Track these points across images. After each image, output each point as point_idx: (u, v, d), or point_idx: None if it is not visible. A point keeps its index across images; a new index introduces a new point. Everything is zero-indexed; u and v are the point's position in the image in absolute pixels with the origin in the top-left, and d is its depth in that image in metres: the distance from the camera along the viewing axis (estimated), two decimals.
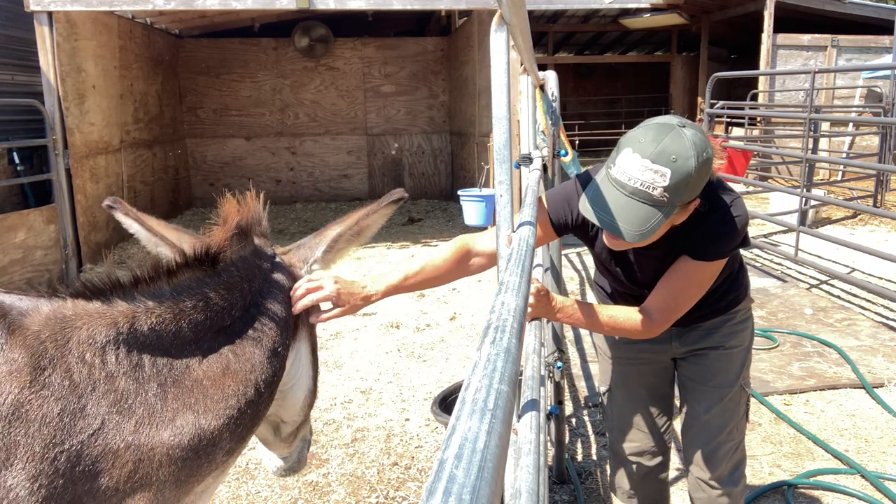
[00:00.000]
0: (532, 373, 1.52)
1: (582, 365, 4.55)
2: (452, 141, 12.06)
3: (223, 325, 1.54)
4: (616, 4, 8.99)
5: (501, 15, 1.26)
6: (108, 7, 7.25)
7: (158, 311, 1.45)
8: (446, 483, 0.52)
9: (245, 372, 1.52)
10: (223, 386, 1.48)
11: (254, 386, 1.53)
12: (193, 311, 1.49)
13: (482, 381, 0.70)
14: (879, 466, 3.27)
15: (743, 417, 2.17)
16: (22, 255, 6.59)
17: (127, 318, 1.41)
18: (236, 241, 1.66)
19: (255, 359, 1.55)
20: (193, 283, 1.54)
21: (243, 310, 1.59)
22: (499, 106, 1.33)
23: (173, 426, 1.40)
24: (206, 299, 1.52)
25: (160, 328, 1.44)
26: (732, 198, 1.84)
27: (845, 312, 5.41)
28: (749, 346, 2.16)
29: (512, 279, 1.05)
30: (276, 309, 1.64)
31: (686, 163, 1.55)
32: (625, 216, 1.58)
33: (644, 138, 1.58)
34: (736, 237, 1.82)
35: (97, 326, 1.38)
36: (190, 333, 1.48)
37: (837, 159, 10.06)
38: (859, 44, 11.07)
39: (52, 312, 1.36)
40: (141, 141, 9.61)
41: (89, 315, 1.39)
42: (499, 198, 1.36)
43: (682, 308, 1.88)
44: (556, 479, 3.20)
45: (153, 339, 1.43)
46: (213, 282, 1.56)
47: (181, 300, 1.49)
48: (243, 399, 1.50)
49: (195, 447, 1.42)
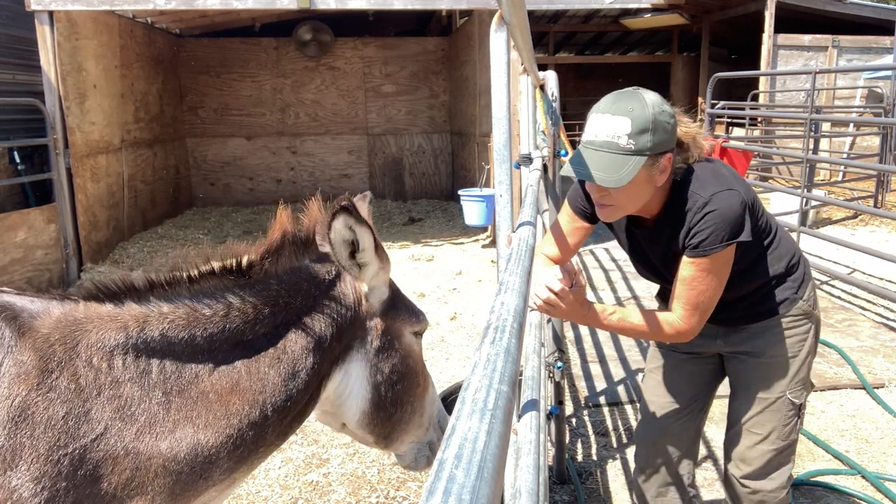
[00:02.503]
0: (532, 373, 1.51)
1: (582, 365, 4.55)
2: (453, 141, 12.06)
3: (243, 338, 1.48)
4: (617, 4, 8.99)
5: (501, 15, 1.26)
6: (108, 6, 7.25)
7: (172, 317, 1.41)
8: (446, 483, 0.52)
9: (254, 392, 1.46)
10: (228, 403, 1.43)
11: (259, 408, 1.46)
12: (210, 321, 1.44)
13: (482, 381, 0.70)
14: (880, 467, 3.27)
15: (788, 425, 2.11)
16: (22, 254, 6.59)
17: (138, 322, 1.39)
18: (280, 252, 1.58)
19: (268, 379, 1.48)
20: (217, 291, 1.48)
21: (272, 326, 1.51)
22: (499, 106, 1.33)
23: (172, 438, 1.37)
24: (227, 310, 1.47)
25: (172, 335, 1.40)
26: (717, 190, 1.83)
27: (846, 313, 5.41)
28: (799, 355, 2.09)
29: (512, 279, 1.05)
30: (314, 329, 1.55)
31: (643, 111, 1.71)
32: (598, 166, 1.73)
33: (604, 102, 1.79)
34: (720, 230, 1.80)
35: (107, 330, 1.36)
36: (204, 343, 1.43)
37: (838, 160, 10.05)
38: (860, 44, 11.06)
39: (63, 315, 1.36)
40: (141, 140, 9.62)
41: (100, 318, 1.37)
42: (499, 198, 1.36)
43: (702, 304, 1.87)
44: (557, 479, 3.20)
45: (163, 346, 1.40)
46: (242, 293, 1.50)
47: (199, 308, 1.44)
48: (246, 420, 1.45)
49: (191, 462, 1.39)
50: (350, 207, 1.51)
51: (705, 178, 1.87)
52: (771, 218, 2.10)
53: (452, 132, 12.07)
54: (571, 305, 1.77)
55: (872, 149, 10.88)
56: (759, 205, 2.01)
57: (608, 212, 1.88)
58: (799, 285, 2.08)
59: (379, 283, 1.67)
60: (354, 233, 1.55)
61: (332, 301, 1.59)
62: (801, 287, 2.09)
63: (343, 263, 1.59)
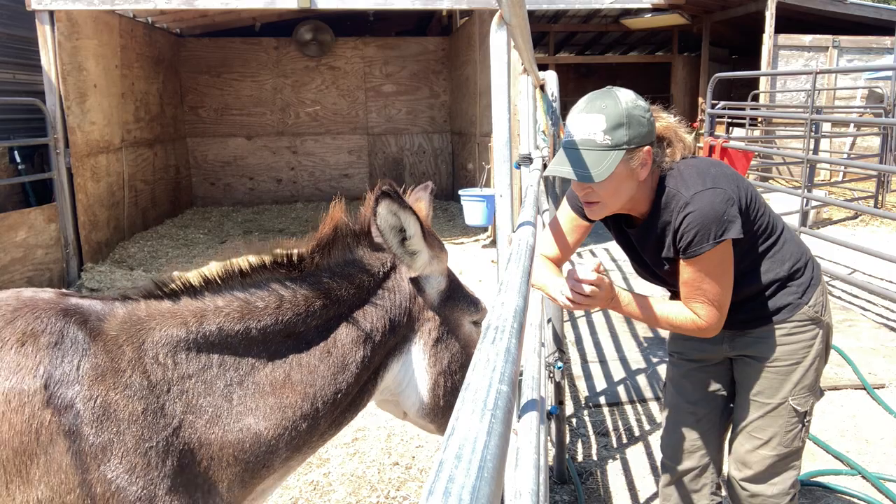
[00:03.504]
0: (532, 373, 1.51)
1: (582, 365, 4.54)
2: (453, 141, 12.06)
3: (296, 330, 1.51)
4: (617, 5, 8.99)
5: (502, 15, 1.26)
6: (109, 6, 7.25)
7: (227, 311, 1.46)
8: (446, 483, 0.52)
9: (304, 384, 1.50)
10: (282, 395, 1.48)
11: (311, 400, 1.50)
12: (264, 313, 1.48)
13: (482, 381, 0.70)
14: (880, 467, 3.27)
15: (791, 431, 2.08)
16: (23, 253, 6.59)
17: (196, 317, 1.44)
18: (332, 245, 1.61)
19: (318, 372, 1.51)
20: (269, 284, 1.52)
21: (324, 319, 1.54)
22: (499, 106, 1.33)
23: (237, 429, 1.44)
24: (279, 302, 1.50)
25: (228, 328, 1.45)
26: (699, 189, 1.82)
27: (846, 313, 5.41)
28: (803, 362, 2.06)
29: (512, 279, 1.05)
30: (366, 322, 1.58)
31: (616, 107, 1.76)
32: (577, 163, 1.77)
33: (580, 102, 1.84)
34: (704, 230, 1.79)
35: (168, 327, 1.42)
36: (258, 335, 1.48)
37: (838, 160, 10.05)
38: (860, 44, 11.05)
39: (127, 315, 1.42)
40: (142, 140, 9.62)
41: (161, 315, 1.43)
42: (499, 198, 1.36)
43: (715, 300, 1.87)
44: (557, 479, 3.20)
45: (221, 339, 1.45)
46: (293, 286, 1.53)
47: (252, 300, 1.49)
48: (299, 412, 1.49)
49: (255, 452, 1.45)
50: (392, 193, 1.53)
51: (689, 177, 1.87)
52: (776, 219, 2.06)
53: (453, 132, 12.06)
54: (608, 291, 1.83)
55: (873, 149, 10.87)
56: (759, 204, 1.98)
57: (595, 209, 1.90)
58: (804, 290, 2.04)
59: (434, 272, 1.68)
60: (399, 218, 1.56)
61: (385, 292, 1.62)
62: (808, 292, 2.05)
63: (395, 251, 1.61)
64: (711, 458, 2.27)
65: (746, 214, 1.89)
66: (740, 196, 1.87)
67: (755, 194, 1.97)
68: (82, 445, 1.29)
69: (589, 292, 1.78)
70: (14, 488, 1.27)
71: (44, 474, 1.27)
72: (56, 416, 1.29)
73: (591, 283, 1.77)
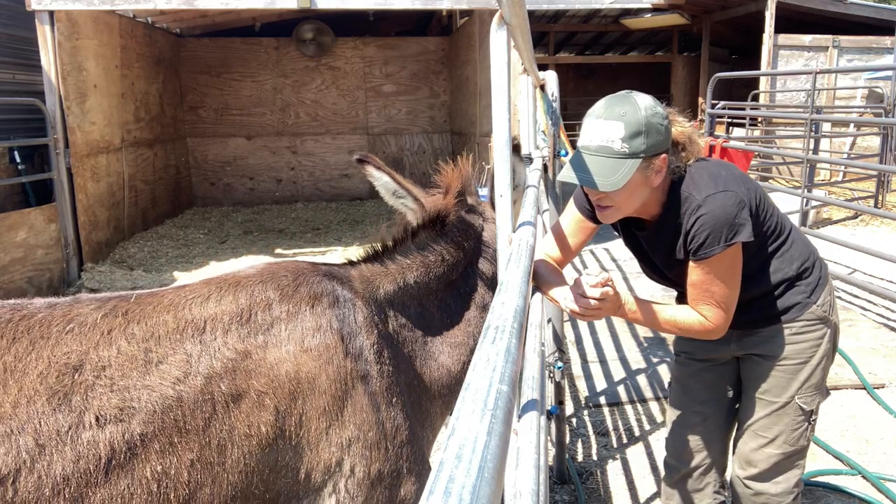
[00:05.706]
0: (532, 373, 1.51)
1: (582, 365, 4.54)
2: (453, 141, 12.06)
3: (451, 278, 1.83)
4: (617, 4, 8.99)
5: (502, 15, 1.26)
6: (109, 6, 7.24)
7: (416, 266, 1.76)
8: (446, 483, 0.52)
9: (464, 323, 1.80)
10: (454, 335, 1.78)
11: (473, 337, 1.78)
12: (435, 266, 1.80)
13: (482, 381, 0.70)
14: (880, 467, 3.27)
15: (797, 430, 2.08)
16: (23, 253, 6.59)
17: (402, 273, 1.74)
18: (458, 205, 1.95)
19: (471, 313, 1.83)
20: (431, 241, 1.83)
21: (465, 266, 1.88)
22: (499, 106, 1.32)
23: (437, 367, 1.73)
24: (441, 255, 1.82)
25: (419, 280, 1.77)
26: (711, 192, 1.82)
27: (846, 313, 5.41)
28: (811, 360, 2.06)
29: (512, 279, 1.05)
30: (485, 267, 1.91)
31: (635, 115, 1.75)
32: (594, 171, 1.77)
33: (598, 107, 1.83)
34: (715, 232, 1.79)
35: (387, 284, 1.71)
36: (434, 285, 1.79)
37: (838, 160, 10.05)
38: (860, 44, 11.05)
39: (360, 275, 1.71)
40: (142, 140, 9.62)
41: (379, 274, 1.72)
42: (499, 198, 1.35)
43: (722, 302, 1.87)
44: (557, 479, 3.20)
45: (415, 291, 1.76)
46: (444, 241, 1.85)
47: (427, 256, 1.80)
48: (465, 348, 1.77)
49: (449, 384, 1.74)
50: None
51: (701, 180, 1.87)
52: (784, 220, 2.06)
53: (453, 132, 12.06)
54: (615, 302, 1.83)
55: (873, 149, 10.87)
56: (768, 206, 1.99)
57: (608, 213, 1.89)
58: (813, 289, 2.06)
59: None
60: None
61: (486, 246, 1.97)
62: (816, 291, 2.06)
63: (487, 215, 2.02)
64: (715, 457, 2.27)
65: (756, 216, 1.90)
66: (751, 198, 1.88)
67: (764, 195, 1.98)
68: (372, 387, 1.53)
69: (595, 306, 1.78)
70: (332, 431, 1.49)
71: (351, 415, 1.50)
72: (354, 364, 1.52)
73: (596, 298, 1.77)
